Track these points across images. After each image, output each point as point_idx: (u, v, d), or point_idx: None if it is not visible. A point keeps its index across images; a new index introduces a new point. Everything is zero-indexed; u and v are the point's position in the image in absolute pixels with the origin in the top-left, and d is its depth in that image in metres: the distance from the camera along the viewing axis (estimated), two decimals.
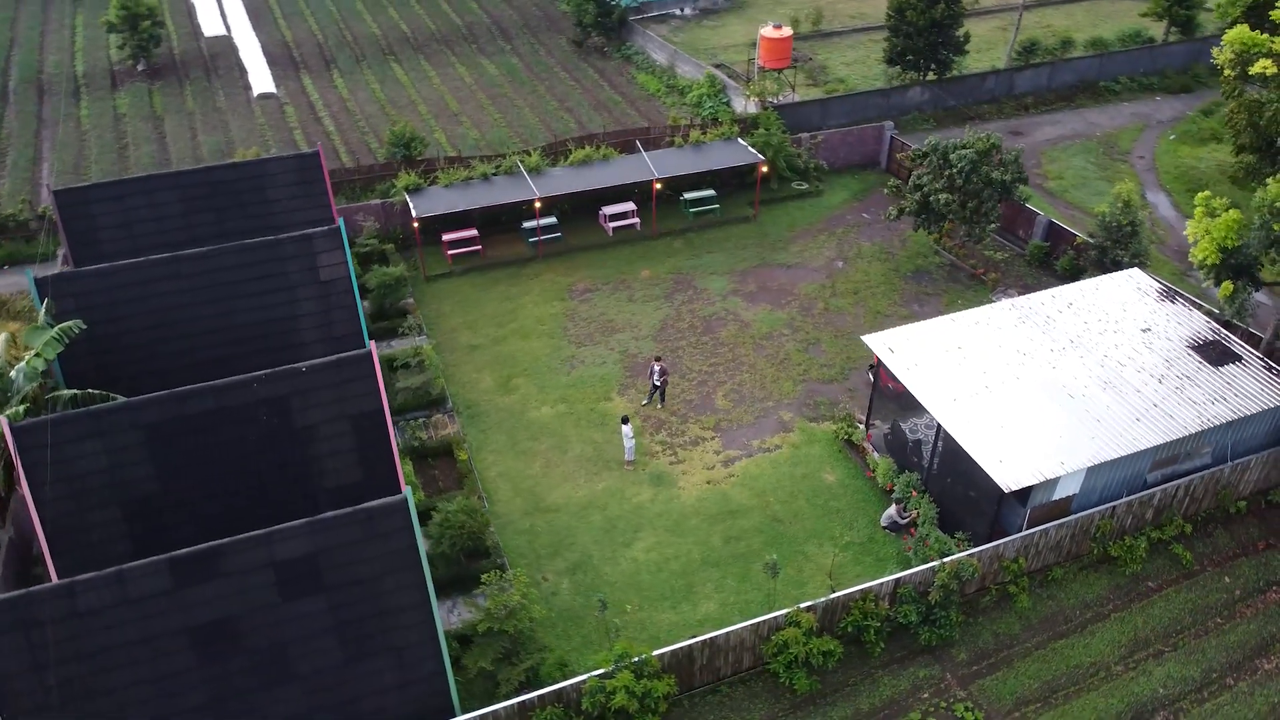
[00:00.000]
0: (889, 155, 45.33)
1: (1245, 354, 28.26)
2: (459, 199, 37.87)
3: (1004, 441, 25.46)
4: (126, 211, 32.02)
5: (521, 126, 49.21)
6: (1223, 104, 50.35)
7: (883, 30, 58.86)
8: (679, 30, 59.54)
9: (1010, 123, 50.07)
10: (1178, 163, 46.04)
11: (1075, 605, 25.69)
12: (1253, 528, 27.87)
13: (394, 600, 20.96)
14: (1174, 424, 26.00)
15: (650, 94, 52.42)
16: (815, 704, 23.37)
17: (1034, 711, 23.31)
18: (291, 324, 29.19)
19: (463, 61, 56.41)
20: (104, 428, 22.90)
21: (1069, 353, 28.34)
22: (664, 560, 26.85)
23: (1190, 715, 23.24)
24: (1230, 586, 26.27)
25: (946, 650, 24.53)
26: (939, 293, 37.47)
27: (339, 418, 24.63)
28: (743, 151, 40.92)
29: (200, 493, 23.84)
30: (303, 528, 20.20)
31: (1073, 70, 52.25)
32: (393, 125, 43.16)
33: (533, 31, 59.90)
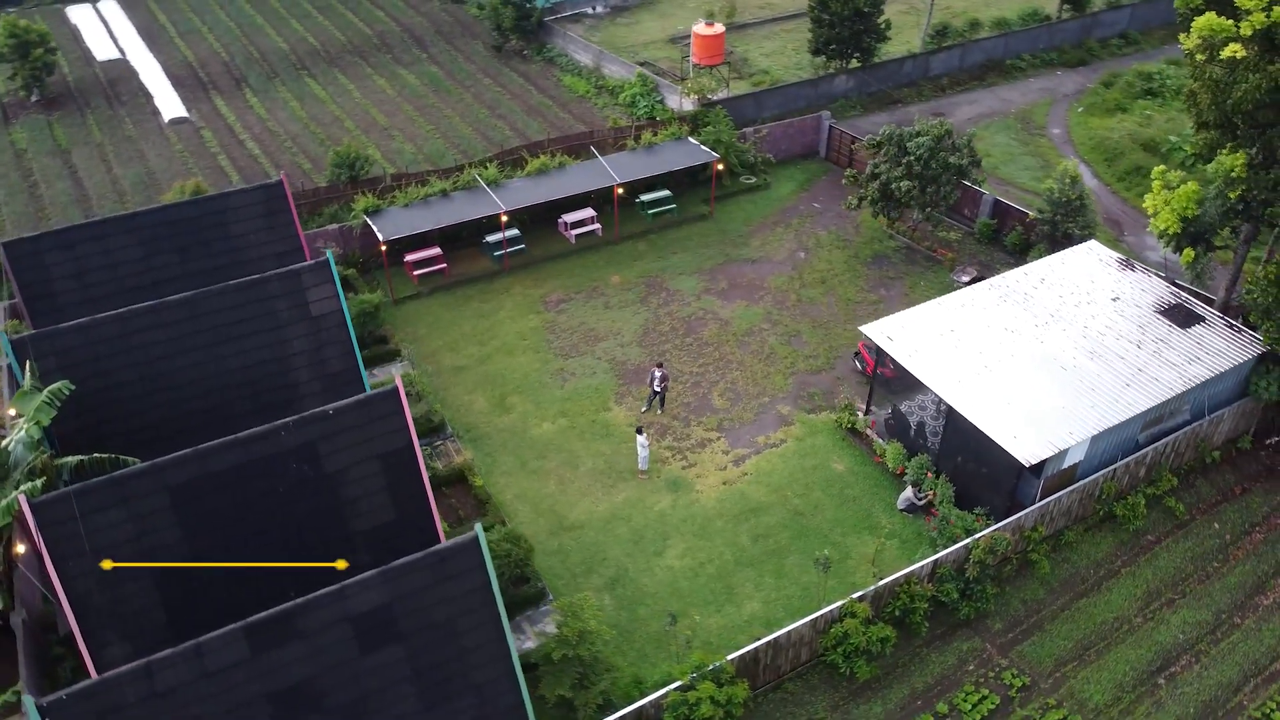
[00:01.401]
0: (828, 144, 46.50)
1: (1208, 315, 30.37)
2: (423, 218, 37.10)
3: (1013, 418, 26.73)
4: (81, 260, 30.28)
5: (457, 137, 48.39)
6: (1120, 75, 53.78)
7: (794, 20, 60.69)
8: (594, 29, 59.43)
9: (931, 104, 51.98)
10: (1091, 134, 48.74)
11: (1088, 565, 27.25)
12: (1228, 474, 30.05)
13: (470, 639, 20.67)
14: (1160, 386, 27.78)
15: (579, 96, 52.25)
16: (873, 689, 24.17)
17: (1072, 670, 24.68)
18: (284, 364, 28.22)
19: (380, 73, 54.98)
20: (128, 494, 21.78)
21: (1052, 326, 29.88)
22: (698, 565, 27.18)
23: (1210, 656, 25.03)
24: (1220, 532, 28.29)
25: (983, 622, 25.69)
26: (900, 276, 38.80)
27: (368, 458, 24.03)
28: (696, 150, 41.36)
29: (232, 551, 22.92)
30: (376, 578, 19.71)
31: (981, 50, 54.61)
32: (335, 146, 41.81)
33: (447, 38, 58.81)
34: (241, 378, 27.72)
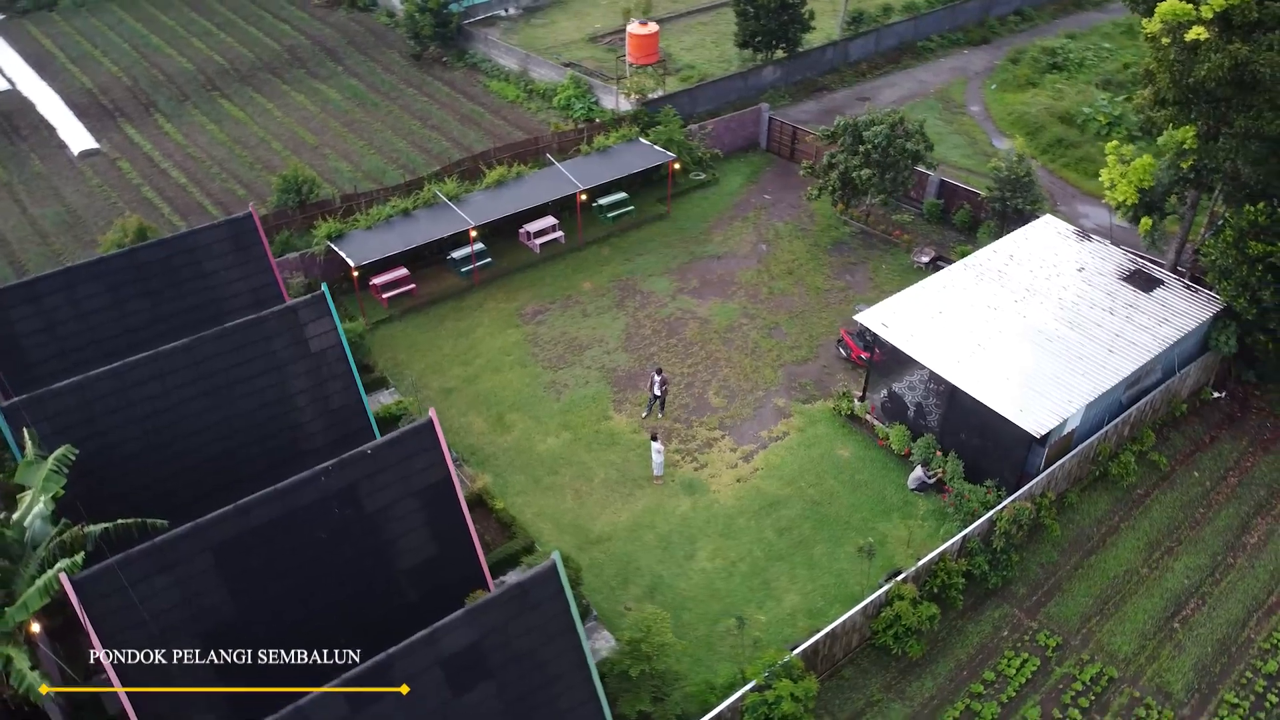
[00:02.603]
0: (768, 135, 47.38)
1: (1166, 278, 32.43)
2: (390, 239, 36.22)
3: (1015, 392, 28.07)
4: (48, 313, 28.63)
5: (393, 152, 47.31)
6: (1025, 51, 56.37)
7: (708, 12, 61.45)
8: (510, 32, 58.78)
9: (855, 89, 53.49)
10: (1009, 109, 51.04)
11: (1091, 524, 28.88)
12: (1197, 425, 32.24)
13: (554, 667, 20.61)
14: (1140, 350, 29.58)
15: (510, 101, 51.74)
16: (920, 666, 25.12)
17: (1096, 624, 26.19)
18: (287, 404, 27.42)
19: (297, 89, 53.16)
20: (170, 559, 20.92)
21: (1030, 301, 31.40)
22: (730, 565, 27.62)
23: (1214, 596, 26.92)
24: (1200, 480, 30.37)
25: (1008, 589, 26.96)
26: (862, 261, 39.99)
27: (407, 495, 23.63)
28: (651, 151, 41.57)
29: (279, 605, 22.23)
30: (464, 618, 19.46)
31: (894, 34, 56.45)
32: (270, 169, 40.31)
33: (361, 49, 57.23)
34: (245, 422, 26.79)
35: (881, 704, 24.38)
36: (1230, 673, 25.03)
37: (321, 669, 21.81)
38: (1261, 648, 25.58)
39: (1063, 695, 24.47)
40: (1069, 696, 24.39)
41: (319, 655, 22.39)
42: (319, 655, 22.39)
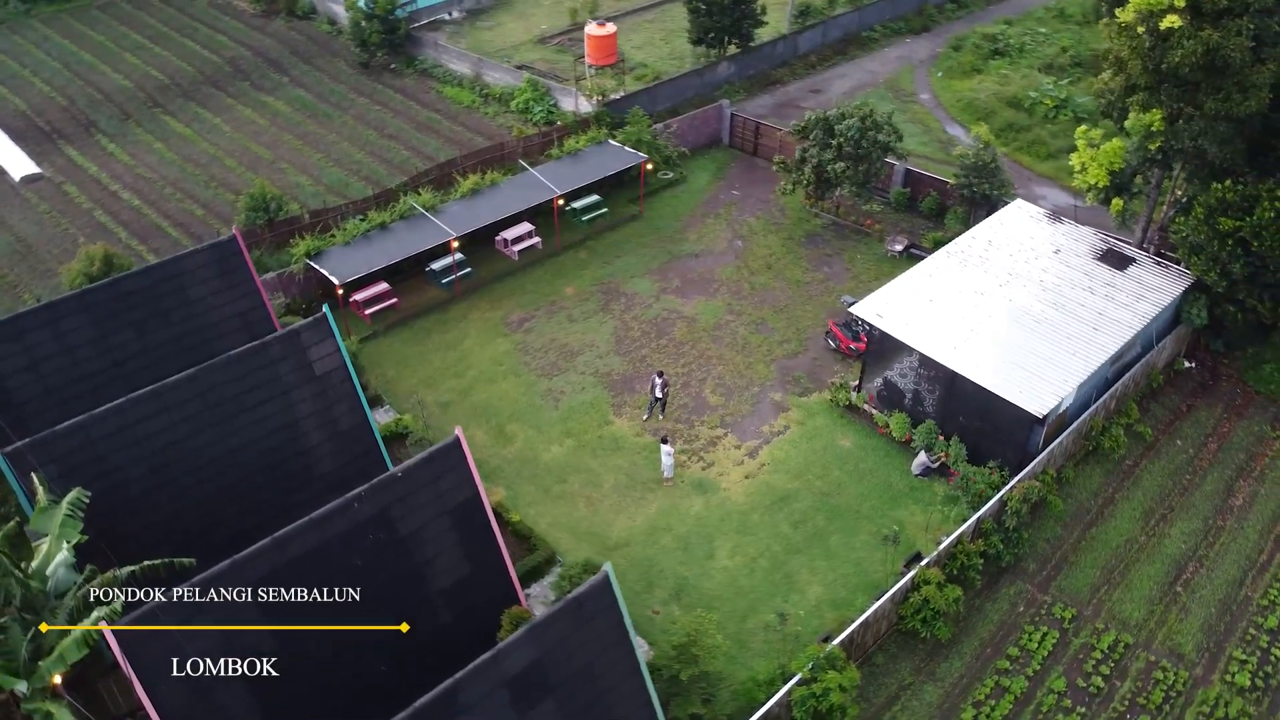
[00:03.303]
0: (730, 131, 47.79)
1: (1137, 255, 33.74)
2: (371, 254, 35.63)
3: (1013, 374, 28.95)
4: (32, 350, 27.63)
5: (352, 164, 46.47)
6: (965, 38, 57.83)
7: (654, 9, 61.64)
8: (456, 36, 58.07)
9: (806, 82, 54.26)
10: (957, 96, 52.34)
11: (1088, 497, 29.97)
12: (1173, 395, 33.64)
13: (610, 678, 20.70)
14: (1123, 327, 30.75)
15: (466, 107, 51.18)
16: (946, 647, 25.83)
17: (1105, 593, 27.24)
18: (294, 430, 26.95)
19: (243, 102, 51.78)
20: (210, 599, 20.27)
21: (1013, 284, 32.37)
22: (751, 561, 27.96)
23: (1210, 558, 28.20)
24: (1184, 448, 31.73)
25: (1019, 566, 27.85)
26: (837, 252, 40.68)
27: (439, 515, 23.47)
28: (623, 152, 41.61)
29: (320, 637, 21.82)
30: (525, 637, 19.41)
31: (840, 26, 57.38)
32: (233, 188, 39.26)
33: (305, 58, 55.96)
34: (254, 451, 26.26)
35: (914, 687, 25.01)
36: (1234, 631, 26.27)
37: (370, 699, 21.58)
38: (1260, 604, 26.90)
39: (1084, 664, 25.41)
40: (1090, 665, 25.35)
41: (363, 686, 22.19)
42: (363, 686, 22.19)
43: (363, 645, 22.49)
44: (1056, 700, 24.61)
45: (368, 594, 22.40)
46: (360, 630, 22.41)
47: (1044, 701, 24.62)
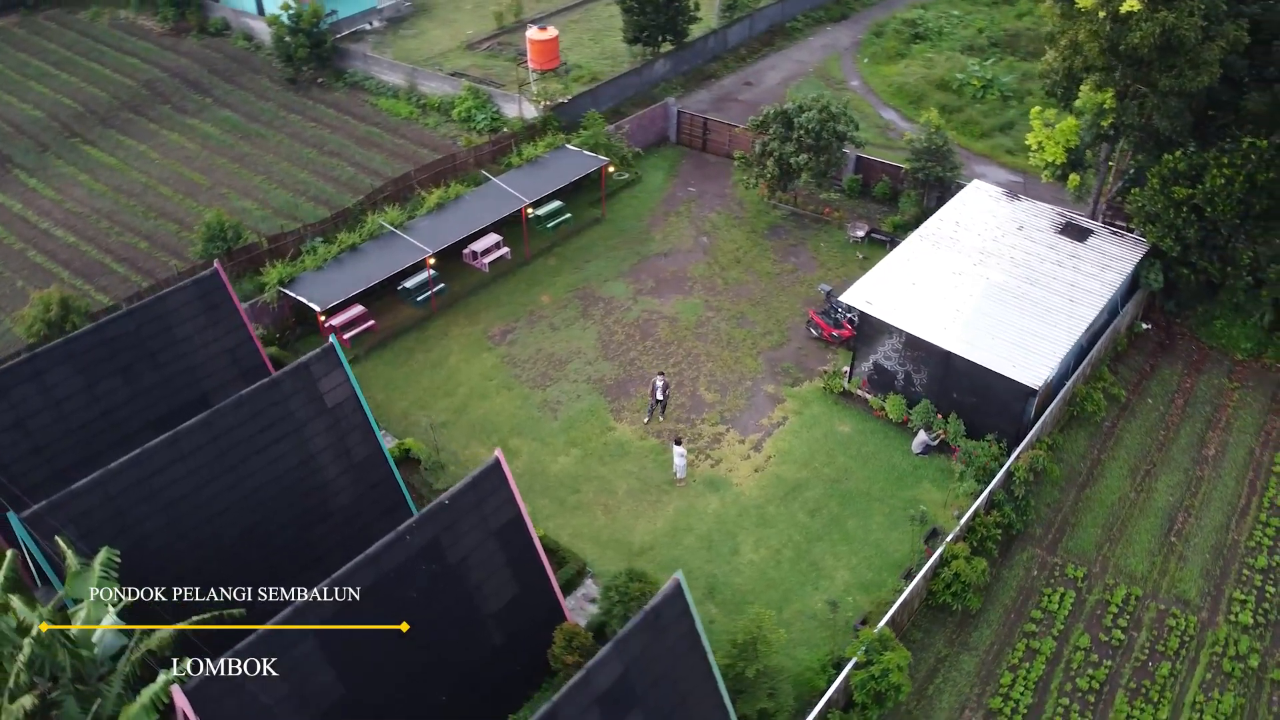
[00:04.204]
0: (677, 128, 48.21)
1: (1094, 227, 35.51)
2: (346, 277, 34.81)
3: (1004, 350, 30.21)
4: (17, 406, 26.39)
5: (298, 184, 45.17)
6: (884, 24, 59.50)
7: (578, 9, 61.59)
8: (381, 45, 56.91)
9: (740, 75, 55.03)
10: (886, 81, 53.86)
11: (1077, 460, 31.52)
12: (1137, 356, 35.58)
13: (687, 683, 21.02)
14: (1096, 297, 32.38)
15: (405, 119, 50.23)
16: (973, 617, 26.92)
17: (1109, 549, 28.78)
18: (310, 464, 26.34)
19: (168, 127, 49.68)
20: (275, 648, 19.91)
21: (987, 263, 33.71)
22: (775, 552, 28.53)
23: (1196, 508, 30.04)
24: (1154, 406, 33.64)
25: (1028, 533, 29.15)
26: (801, 241, 41.55)
27: (486, 538, 23.37)
28: (582, 155, 41.56)
29: (384, 674, 21.52)
30: (612, 651, 19.54)
31: (765, 18, 58.36)
32: (201, 219, 37.74)
33: (225, 77, 53.94)
34: (271, 491, 25.62)
35: (951, 658, 26.00)
36: (1230, 574, 28.09)
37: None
38: (1248, 546, 28.82)
39: (1103, 619, 26.83)
40: (1109, 619, 26.78)
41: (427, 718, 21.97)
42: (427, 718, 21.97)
43: (424, 677, 22.23)
44: (1084, 656, 25.94)
45: (424, 625, 22.18)
46: (420, 663, 22.18)
47: (1073, 659, 25.92)
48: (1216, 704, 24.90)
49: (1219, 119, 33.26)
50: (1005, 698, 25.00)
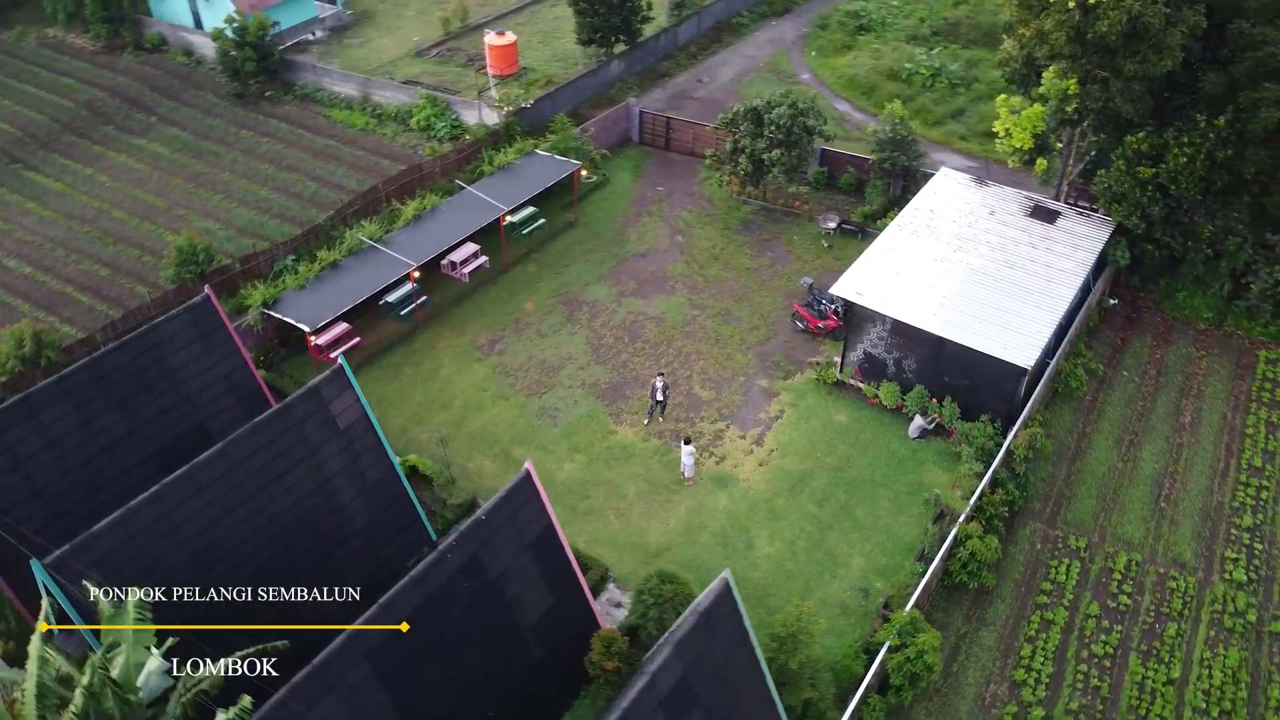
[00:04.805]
0: (640, 128, 48.41)
1: (1061, 208, 36.77)
2: (331, 295, 34.23)
3: (993, 332, 31.16)
4: (14, 448, 25.54)
5: (260, 202, 44.20)
6: (829, 16, 60.51)
7: (521, 12, 61.34)
8: (327, 56, 55.89)
9: (693, 72, 55.43)
10: (837, 73, 54.79)
11: (1065, 434, 32.69)
12: (1108, 331, 36.98)
13: (738, 680, 21.37)
14: (1072, 276, 33.57)
15: (361, 130, 49.43)
16: (985, 594, 27.81)
17: (1105, 518, 29.96)
18: (326, 487, 26.04)
19: (114, 149, 48.16)
20: (331, 677, 19.80)
21: (966, 249, 34.68)
22: (790, 544, 29.03)
23: (1181, 473, 31.42)
24: (1130, 378, 35.03)
25: (1028, 508, 30.15)
26: (775, 235, 42.14)
27: (520, 551, 23.41)
28: (554, 160, 41.49)
29: (435, 694, 21.43)
30: (673, 654, 19.79)
31: (712, 15, 58.88)
32: (174, 243, 36.70)
33: (168, 94, 52.41)
34: (289, 518, 25.30)
35: (970, 635, 26.82)
36: (1219, 534, 29.47)
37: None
38: (1232, 507, 30.25)
39: (1109, 586, 27.95)
40: (1114, 586, 27.91)
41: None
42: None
43: (471, 695, 22.18)
44: (1096, 623, 27.00)
45: (468, 642, 22.15)
46: (467, 681, 22.12)
47: (1085, 627, 26.95)
48: (1222, 659, 26.16)
49: (1175, 100, 34.70)
50: (1027, 669, 25.90)
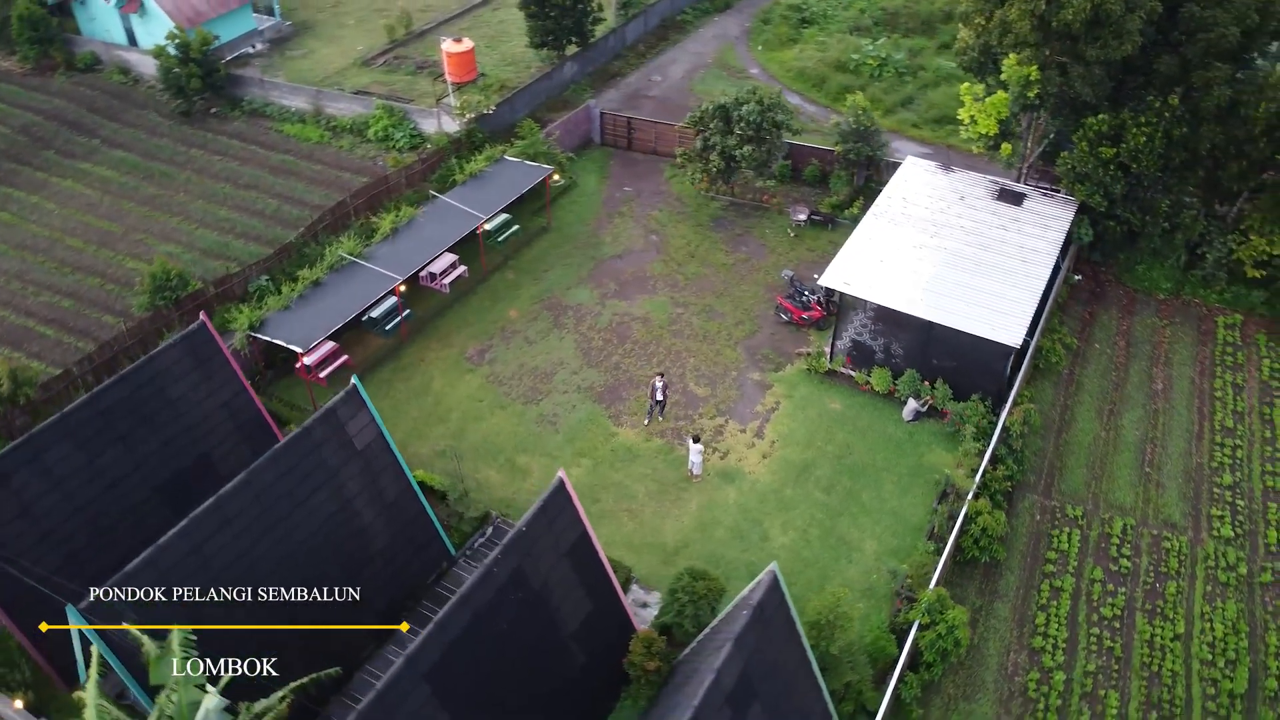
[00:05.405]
0: (601, 130, 48.55)
1: (1025, 190, 38.09)
2: (317, 314, 33.66)
3: (978, 314, 32.20)
4: (20, 492, 24.81)
5: (221, 222, 43.17)
6: (770, 11, 61.39)
7: (464, 16, 60.92)
8: (270, 68, 54.67)
9: (644, 70, 55.72)
10: (786, 66, 55.66)
11: (1049, 407, 33.97)
12: (1076, 306, 38.47)
13: (787, 668, 21.84)
14: (1044, 256, 34.83)
15: (316, 143, 48.54)
16: (993, 567, 28.83)
17: (1096, 486, 31.27)
18: (348, 509, 25.86)
19: (58, 174, 46.49)
20: (394, 701, 19.64)
21: (942, 234, 35.72)
22: (802, 532, 29.65)
23: (1160, 438, 32.93)
24: (1102, 350, 36.52)
25: (1024, 482, 31.29)
26: (747, 230, 42.75)
27: (559, 560, 23.57)
28: (524, 166, 41.40)
29: (489, 708, 21.46)
30: (733, 651, 20.16)
31: (657, 13, 59.26)
32: (150, 270, 35.60)
33: (109, 115, 50.74)
34: (315, 543, 25.11)
35: (986, 607, 27.78)
36: (1202, 494, 31.01)
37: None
38: (1211, 467, 31.85)
39: (1109, 551, 29.21)
40: (1114, 550, 29.18)
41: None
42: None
43: (523, 707, 22.24)
44: (1101, 587, 28.22)
45: (517, 654, 22.21)
46: (519, 693, 22.19)
47: (1092, 591, 28.15)
48: (1221, 612, 27.59)
49: (1129, 82, 36.21)
50: (1044, 636, 26.96)
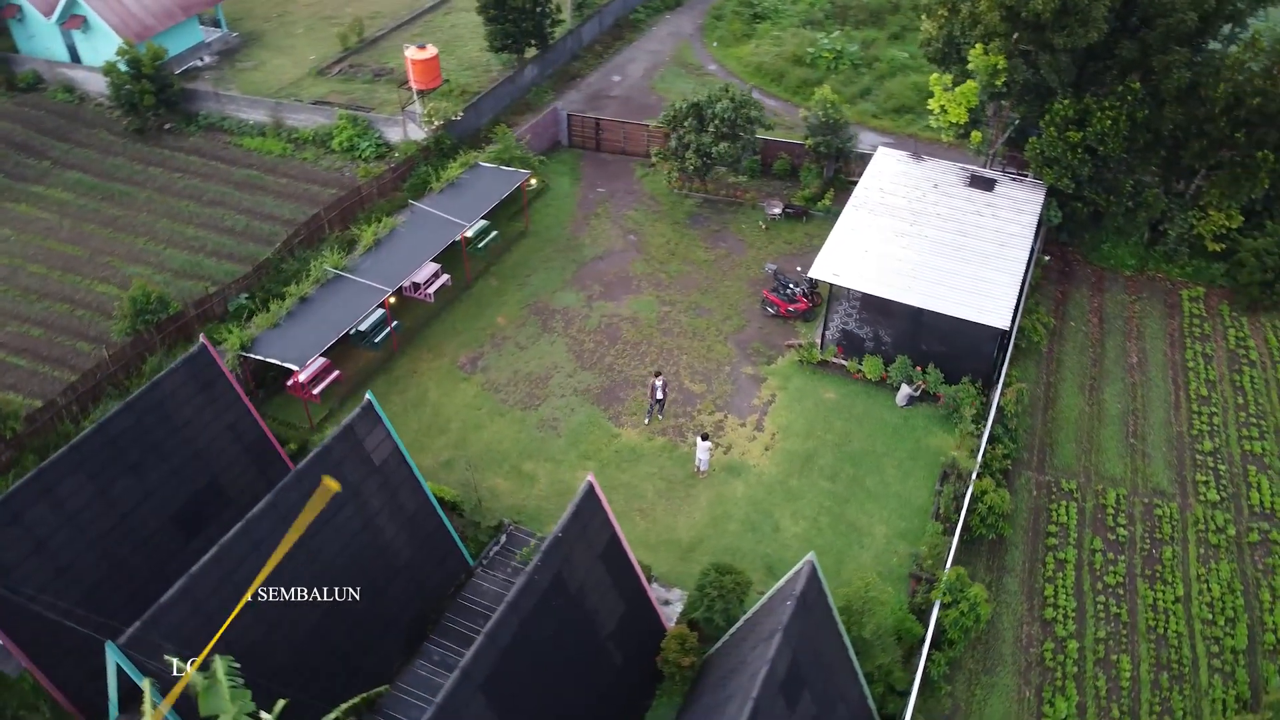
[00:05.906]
0: (569, 132, 48.59)
1: (996, 176, 39.19)
2: (309, 331, 33.17)
3: (965, 299, 33.10)
4: (32, 528, 24.11)
5: (190, 242, 42.26)
6: (721, 7, 62.01)
7: (415, 22, 60.42)
8: (220, 81, 53.55)
9: (603, 70, 55.87)
10: (743, 62, 56.28)
11: (1033, 386, 35.06)
12: (1048, 285, 39.73)
13: (827, 655, 22.33)
14: (1021, 239, 35.91)
15: (280, 156, 47.74)
16: (997, 543, 29.72)
17: (1086, 459, 32.41)
18: (371, 528, 25.65)
19: (10, 198, 44.96)
20: (454, 712, 19.56)
21: (921, 222, 36.59)
22: (813, 521, 30.22)
23: (1141, 410, 34.24)
24: (1077, 327, 37.80)
25: (1020, 458, 32.29)
26: (723, 225, 43.22)
27: (592, 562, 23.72)
28: (502, 172, 41.28)
29: (539, 715, 21.59)
30: (784, 641, 20.55)
31: (611, 13, 59.42)
32: (129, 294, 34.70)
33: (58, 135, 49.23)
34: (342, 562, 24.82)
35: (995, 583, 28.66)
36: (1186, 461, 32.35)
37: None
38: (1192, 435, 33.23)
39: (1105, 521, 30.32)
40: (1110, 520, 30.30)
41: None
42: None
43: (571, 712, 22.39)
44: (1102, 556, 29.30)
45: (560, 660, 22.34)
46: (566, 699, 22.34)
47: (1094, 561, 29.21)
48: (1215, 573, 28.86)
49: (1091, 67, 37.49)
50: (1054, 607, 27.92)
